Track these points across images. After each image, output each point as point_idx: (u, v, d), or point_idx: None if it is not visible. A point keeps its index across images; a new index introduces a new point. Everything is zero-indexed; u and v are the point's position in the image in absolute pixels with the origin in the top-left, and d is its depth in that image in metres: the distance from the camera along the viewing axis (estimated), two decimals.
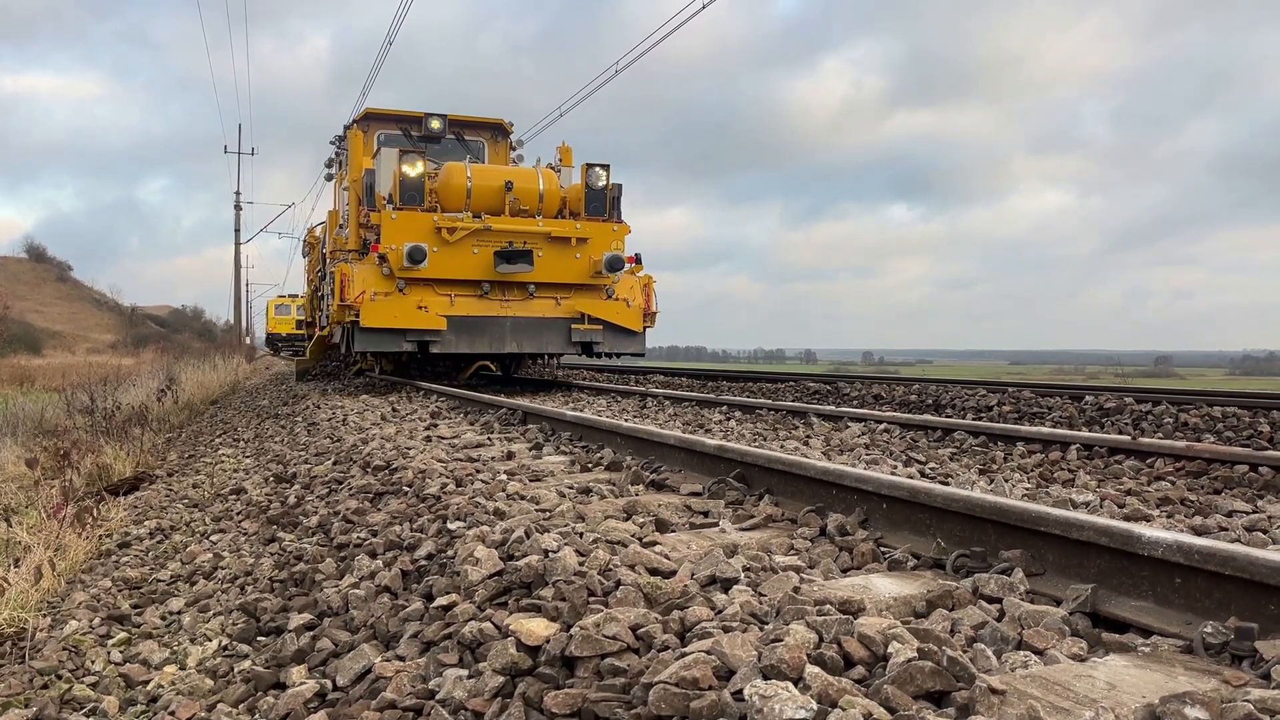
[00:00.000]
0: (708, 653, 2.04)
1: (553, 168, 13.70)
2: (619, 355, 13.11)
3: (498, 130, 15.46)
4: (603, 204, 12.83)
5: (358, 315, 11.51)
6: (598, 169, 12.83)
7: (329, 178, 17.38)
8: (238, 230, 46.67)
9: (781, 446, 5.83)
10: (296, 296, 51.43)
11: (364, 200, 12.93)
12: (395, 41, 18.38)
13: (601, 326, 12.53)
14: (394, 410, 9.32)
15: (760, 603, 2.43)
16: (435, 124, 14.19)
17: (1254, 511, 3.82)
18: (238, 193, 46.49)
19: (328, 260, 15.35)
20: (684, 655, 2.05)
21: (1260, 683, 1.90)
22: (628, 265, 12.59)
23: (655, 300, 13.14)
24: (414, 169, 12.15)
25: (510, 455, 5.58)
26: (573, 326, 12.42)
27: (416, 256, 11.54)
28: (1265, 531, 3.43)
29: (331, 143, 16.34)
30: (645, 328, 12.95)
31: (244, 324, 56.69)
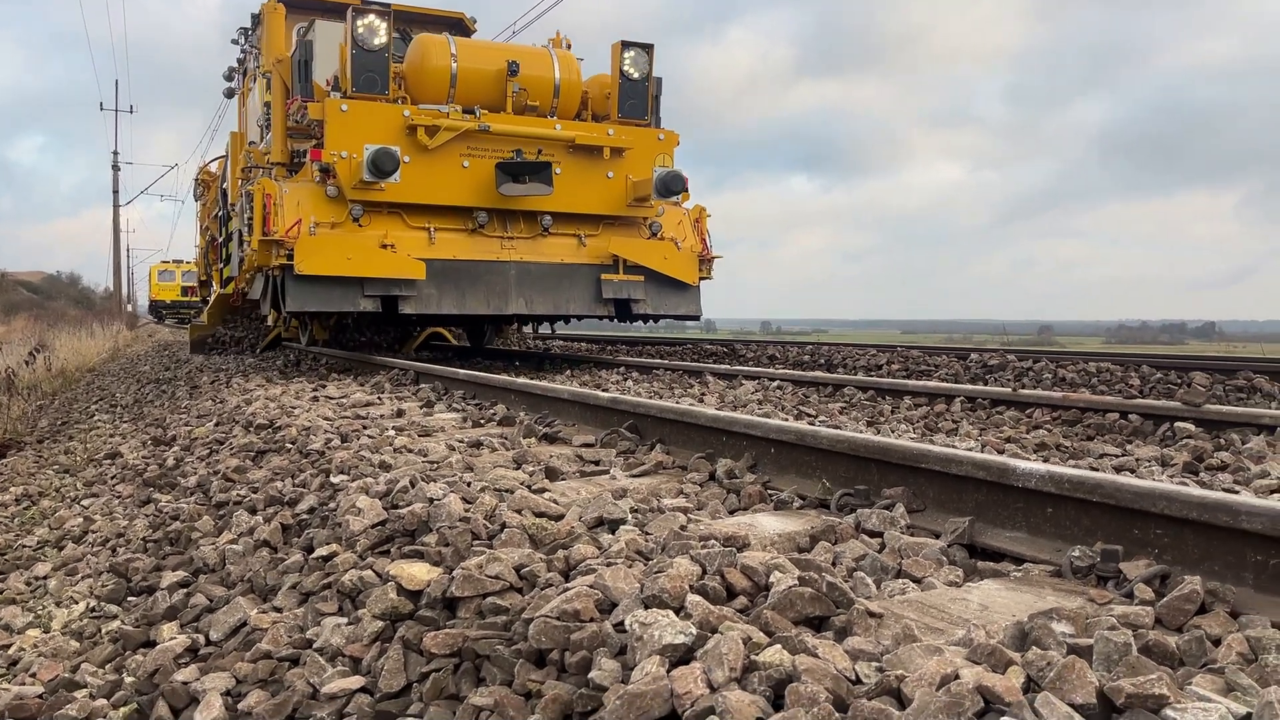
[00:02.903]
0: (591, 587, 2.01)
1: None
2: (658, 319, 9.79)
3: (457, 27, 11.37)
4: (643, 102, 9.35)
5: (291, 257, 7.92)
6: (637, 52, 9.31)
7: (230, 94, 13.50)
8: (116, 192, 44.51)
9: (676, 402, 5.84)
10: (181, 262, 49.53)
11: (295, 88, 9.20)
12: None
13: (643, 277, 9.09)
14: (281, 373, 9.03)
15: (646, 541, 2.41)
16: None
17: (1123, 455, 3.97)
18: (115, 152, 44.29)
19: (229, 194, 11.61)
20: (566, 590, 2.02)
21: (1123, 600, 1.97)
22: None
23: (711, 242, 9.69)
24: (375, 35, 8.45)
25: (400, 413, 5.45)
26: (602, 277, 8.98)
27: (385, 165, 8.04)
28: (1133, 471, 3.57)
29: (234, 41, 12.46)
30: (702, 279, 9.47)
31: (125, 291, 54.29)
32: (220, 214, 12.92)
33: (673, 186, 9.00)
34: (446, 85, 8.76)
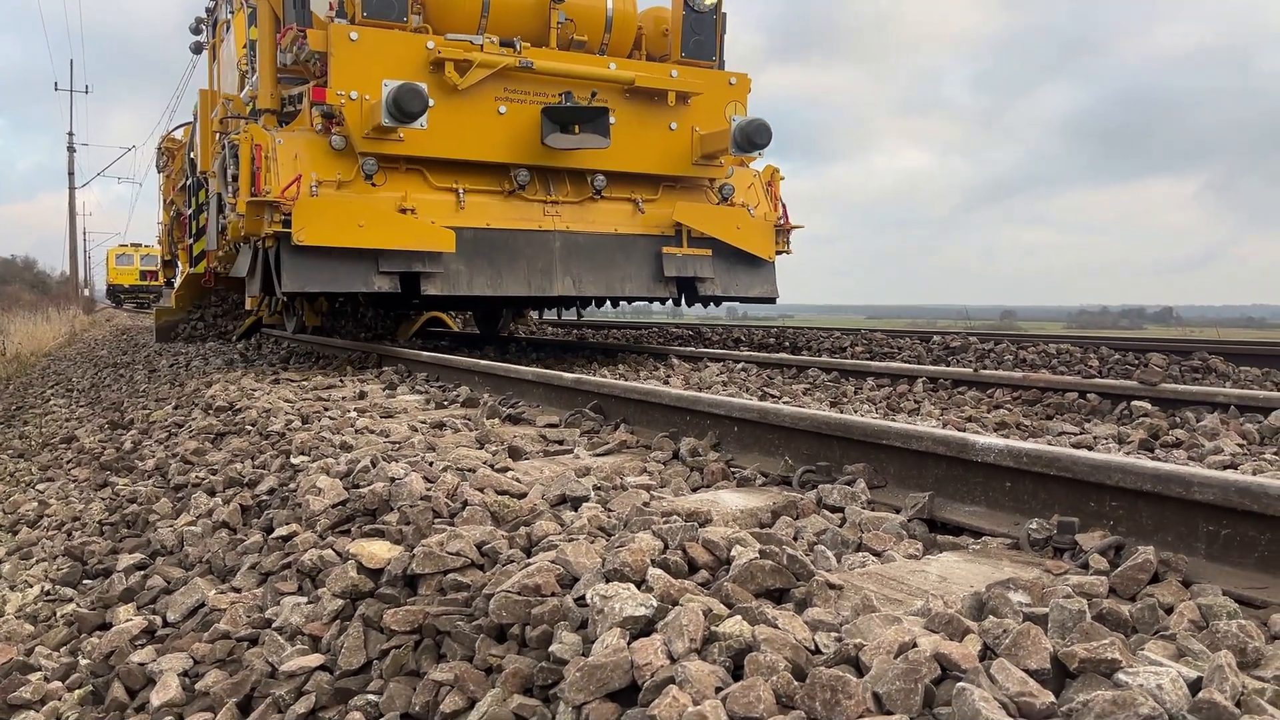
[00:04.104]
0: (552, 562, 2.01)
1: None
2: (724, 302, 8.17)
3: None
4: (710, 39, 7.88)
5: (287, 223, 6.36)
6: None
7: (197, 49, 11.82)
8: (71, 174, 43.68)
9: (641, 383, 5.84)
10: (140, 245, 48.74)
11: (288, 16, 7.22)
12: None
13: (710, 251, 7.62)
14: (242, 356, 8.92)
15: (609, 517, 2.41)
16: None
17: (1081, 433, 4.03)
18: (70, 133, 43.52)
19: (197, 162, 10.04)
20: (528, 566, 2.01)
21: (1079, 571, 1.99)
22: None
23: (785, 209, 8.22)
24: None
25: (362, 395, 5.41)
26: (664, 251, 7.49)
27: (410, 106, 6.54)
28: (1090, 448, 3.62)
29: None
30: (779, 253, 8.02)
31: (82, 275, 53.35)
32: (189, 183, 11.35)
33: (756, 139, 7.50)
34: (477, 13, 7.23)
